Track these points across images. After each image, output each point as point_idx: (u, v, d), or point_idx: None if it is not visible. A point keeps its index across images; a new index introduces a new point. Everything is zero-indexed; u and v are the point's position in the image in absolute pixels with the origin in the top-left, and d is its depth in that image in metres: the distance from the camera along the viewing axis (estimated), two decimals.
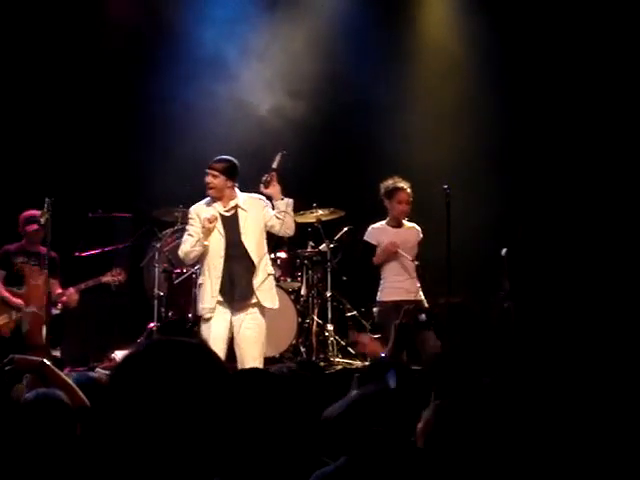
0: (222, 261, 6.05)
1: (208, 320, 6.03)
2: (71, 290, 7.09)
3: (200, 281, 6.22)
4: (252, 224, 6.13)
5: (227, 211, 6.13)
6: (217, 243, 6.06)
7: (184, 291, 7.64)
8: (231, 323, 6.04)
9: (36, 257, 7.12)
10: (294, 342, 7.56)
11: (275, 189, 6.14)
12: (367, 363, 6.85)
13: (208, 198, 6.16)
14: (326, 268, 7.90)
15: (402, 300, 6.63)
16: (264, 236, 6.22)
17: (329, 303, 7.80)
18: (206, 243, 6.02)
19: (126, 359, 1.60)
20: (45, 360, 2.87)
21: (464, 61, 8.85)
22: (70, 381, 2.86)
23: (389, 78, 8.82)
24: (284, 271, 7.97)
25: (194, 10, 8.59)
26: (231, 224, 6.11)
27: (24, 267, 7.10)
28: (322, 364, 7.39)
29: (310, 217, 7.98)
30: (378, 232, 6.97)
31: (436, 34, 9.08)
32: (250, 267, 6.09)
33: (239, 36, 8.54)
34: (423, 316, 6.50)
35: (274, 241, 7.06)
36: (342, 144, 8.77)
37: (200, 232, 6.02)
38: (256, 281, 6.09)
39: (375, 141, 8.73)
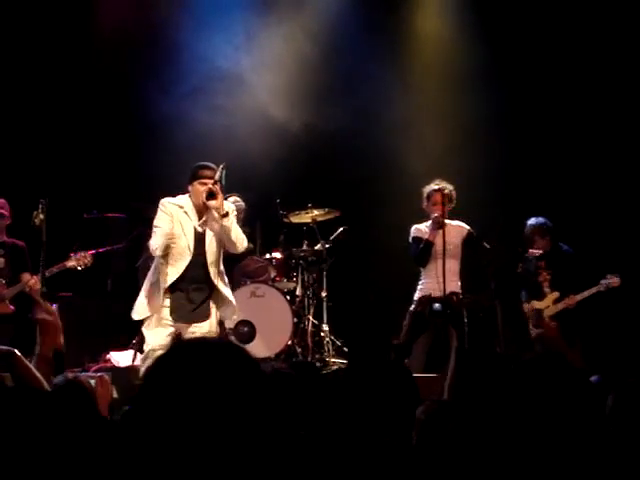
0: (180, 277, 5.67)
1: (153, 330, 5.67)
2: (33, 278, 6.73)
3: (152, 280, 5.77)
4: (215, 241, 5.79)
5: (200, 226, 5.77)
6: (183, 259, 5.69)
7: None
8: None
9: (2, 247, 6.94)
10: (289, 342, 7.55)
11: (219, 202, 5.64)
12: None
13: (182, 199, 5.76)
14: (322, 268, 7.90)
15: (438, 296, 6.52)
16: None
17: (324, 303, 7.80)
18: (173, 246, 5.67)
19: (157, 361, 1.59)
20: (16, 350, 2.87)
21: (458, 57, 8.84)
22: (38, 373, 2.88)
23: (385, 78, 8.81)
24: (279, 271, 7.97)
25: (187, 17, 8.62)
26: (200, 242, 5.74)
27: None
28: (318, 364, 7.38)
29: (305, 217, 7.97)
30: (420, 231, 6.73)
31: (430, 32, 9.08)
32: (210, 289, 5.76)
33: (232, 45, 8.57)
34: (437, 305, 6.47)
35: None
36: (338, 144, 8.76)
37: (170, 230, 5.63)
38: (215, 304, 5.79)
39: (371, 141, 8.72)
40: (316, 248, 7.93)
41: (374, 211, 7.68)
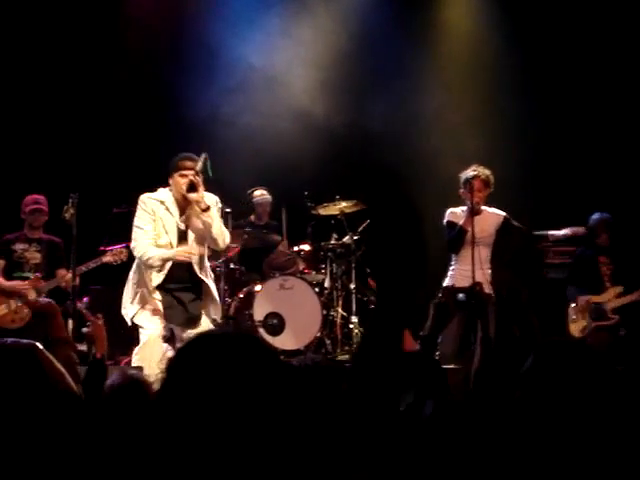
0: (165, 276, 5.47)
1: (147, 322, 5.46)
2: (69, 274, 6.78)
3: (135, 280, 5.57)
4: (198, 238, 5.55)
5: (183, 222, 5.54)
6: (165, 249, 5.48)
7: None
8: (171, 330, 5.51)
9: (37, 243, 7.09)
10: (318, 335, 7.55)
11: (200, 195, 5.42)
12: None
13: (163, 193, 5.53)
14: (350, 260, 7.89)
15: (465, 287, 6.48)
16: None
17: (353, 295, 7.79)
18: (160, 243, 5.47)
19: (179, 353, 1.60)
20: (37, 344, 2.86)
21: (487, 51, 8.78)
22: (61, 367, 2.87)
23: (412, 72, 8.78)
24: (308, 264, 7.98)
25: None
26: (182, 239, 5.52)
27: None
28: (347, 357, 7.39)
29: (333, 209, 7.97)
30: (455, 216, 6.62)
31: (462, 29, 9.02)
32: (196, 288, 5.57)
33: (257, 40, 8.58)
34: (461, 295, 6.41)
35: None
36: (365, 136, 8.74)
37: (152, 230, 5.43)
38: (203, 304, 5.59)
39: (397, 133, 8.69)
40: (344, 240, 7.92)
41: (402, 203, 7.66)
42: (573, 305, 7.06)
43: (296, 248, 8.04)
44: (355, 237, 7.88)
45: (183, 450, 1.50)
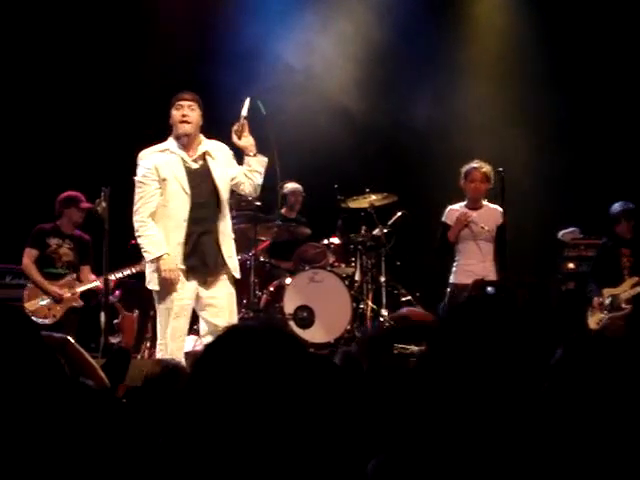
0: (185, 225, 5.11)
1: (169, 291, 5.13)
2: (87, 269, 7.07)
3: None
4: (222, 177, 5.21)
5: (195, 161, 5.19)
6: (181, 203, 5.12)
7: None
8: (198, 295, 5.22)
9: (70, 240, 7.16)
10: (349, 328, 7.55)
11: (249, 141, 5.22)
12: (422, 347, 6.78)
13: (163, 144, 5.24)
14: (380, 253, 7.87)
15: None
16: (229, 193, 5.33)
17: (383, 288, 7.78)
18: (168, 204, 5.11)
19: (206, 349, 1.60)
20: (69, 337, 2.88)
21: (520, 43, 8.71)
22: (93, 361, 2.88)
23: (444, 63, 8.74)
24: (338, 257, 7.98)
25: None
26: (200, 178, 5.16)
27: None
28: None
29: (363, 202, 7.95)
30: (455, 213, 6.83)
31: (492, 17, 8.96)
32: (219, 231, 5.21)
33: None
34: (490, 289, 6.40)
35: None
36: (395, 129, 8.72)
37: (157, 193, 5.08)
38: (225, 248, 5.24)
39: (430, 125, 8.66)
40: (374, 233, 7.90)
41: (432, 195, 7.61)
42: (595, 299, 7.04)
43: (326, 241, 8.03)
44: (385, 230, 7.86)
45: (213, 444, 1.51)
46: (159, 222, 5.19)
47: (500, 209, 6.78)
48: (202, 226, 5.18)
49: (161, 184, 5.17)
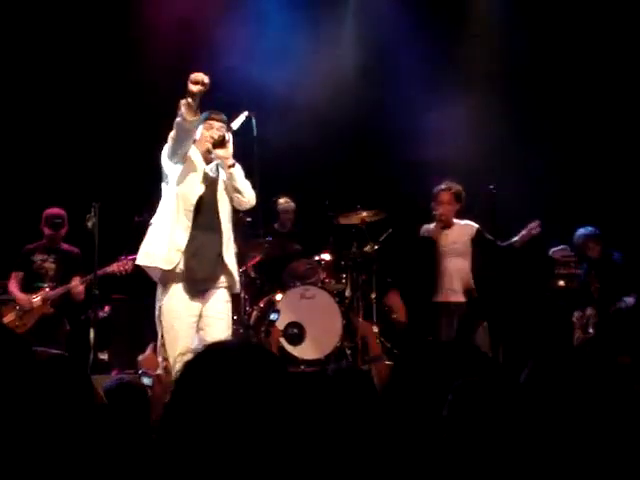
0: (192, 216, 5.19)
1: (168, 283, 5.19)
2: (77, 284, 6.96)
3: (159, 226, 5.30)
4: (225, 194, 5.35)
5: (210, 170, 5.34)
6: (191, 190, 5.22)
7: None
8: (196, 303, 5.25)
9: (55, 254, 7.12)
10: (339, 344, 7.54)
11: (228, 151, 5.28)
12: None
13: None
14: (371, 270, 7.87)
15: (452, 301, 6.64)
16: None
17: (374, 305, 7.77)
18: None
19: (186, 365, 1.61)
20: (66, 354, 2.88)
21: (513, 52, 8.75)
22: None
23: (438, 79, 8.77)
24: (328, 273, 7.97)
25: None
26: (212, 187, 5.29)
27: None
28: (367, 367, 7.34)
29: (354, 219, 7.96)
30: (428, 231, 7.02)
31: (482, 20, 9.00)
32: (221, 242, 5.29)
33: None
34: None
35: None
36: (386, 145, 8.74)
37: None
38: (228, 257, 5.33)
39: (419, 141, 8.67)
40: (365, 249, 7.90)
41: (422, 212, 7.61)
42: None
43: (317, 257, 8.03)
44: (376, 246, 7.86)
45: (192, 459, 1.51)
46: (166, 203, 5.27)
47: (472, 223, 6.88)
48: (205, 232, 5.25)
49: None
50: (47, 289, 7.04)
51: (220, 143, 5.27)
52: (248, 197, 5.41)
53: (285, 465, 1.52)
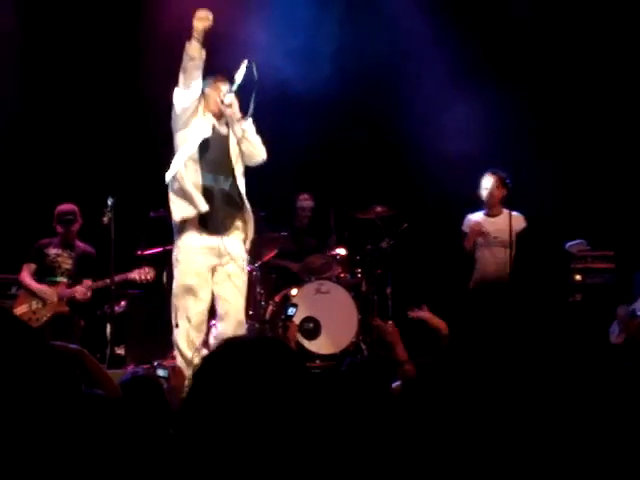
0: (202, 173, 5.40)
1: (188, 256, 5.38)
2: (81, 287, 6.94)
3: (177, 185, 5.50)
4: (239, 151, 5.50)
5: (221, 126, 5.54)
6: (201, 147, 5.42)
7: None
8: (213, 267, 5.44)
9: (71, 250, 7.10)
10: (354, 339, 7.53)
11: (235, 107, 5.43)
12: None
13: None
14: (386, 265, 7.86)
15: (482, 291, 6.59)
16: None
17: (389, 300, 7.76)
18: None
19: (205, 360, 1.61)
20: (85, 350, 2.89)
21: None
22: (105, 370, 2.89)
23: (446, 70, 8.72)
24: (344, 268, 7.97)
25: None
26: (222, 144, 5.49)
27: None
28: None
29: (370, 214, 7.94)
30: (470, 223, 6.95)
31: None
32: (238, 205, 5.49)
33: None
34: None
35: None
36: (402, 140, 8.71)
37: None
38: (246, 226, 5.54)
39: (436, 137, 8.64)
40: (381, 244, 7.89)
41: (438, 208, 7.62)
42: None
43: (332, 252, 8.03)
44: (391, 241, 7.84)
45: (210, 454, 1.50)
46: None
47: (521, 215, 6.81)
48: (220, 193, 5.42)
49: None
50: (64, 284, 7.02)
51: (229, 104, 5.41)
52: (259, 151, 5.51)
53: (301, 460, 1.51)
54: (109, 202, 6.50)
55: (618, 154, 8.36)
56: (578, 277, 7.55)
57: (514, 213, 6.83)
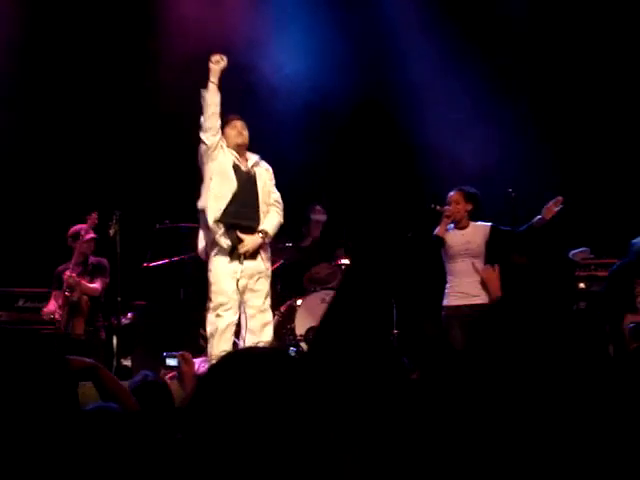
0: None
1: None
2: (96, 285, 7.08)
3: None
4: (265, 189, 5.96)
5: (245, 167, 5.95)
6: (227, 187, 5.88)
7: None
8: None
9: (79, 265, 7.17)
10: None
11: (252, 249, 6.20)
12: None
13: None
14: None
15: (463, 305, 6.54)
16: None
17: (394, 309, 7.75)
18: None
19: (209, 371, 1.63)
20: (99, 364, 2.91)
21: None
22: (120, 384, 2.90)
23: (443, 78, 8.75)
24: None
25: None
26: (248, 182, 5.90)
27: None
28: None
29: None
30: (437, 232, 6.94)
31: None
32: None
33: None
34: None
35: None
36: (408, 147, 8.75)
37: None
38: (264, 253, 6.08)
39: (441, 145, 8.67)
40: None
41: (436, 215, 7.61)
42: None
43: (337, 262, 8.04)
44: None
45: (214, 461, 1.53)
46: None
47: (487, 224, 6.82)
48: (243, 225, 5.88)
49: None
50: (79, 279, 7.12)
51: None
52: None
53: (304, 467, 1.53)
54: (115, 215, 6.55)
55: (622, 162, 8.37)
56: (582, 285, 7.56)
57: (480, 223, 6.85)
